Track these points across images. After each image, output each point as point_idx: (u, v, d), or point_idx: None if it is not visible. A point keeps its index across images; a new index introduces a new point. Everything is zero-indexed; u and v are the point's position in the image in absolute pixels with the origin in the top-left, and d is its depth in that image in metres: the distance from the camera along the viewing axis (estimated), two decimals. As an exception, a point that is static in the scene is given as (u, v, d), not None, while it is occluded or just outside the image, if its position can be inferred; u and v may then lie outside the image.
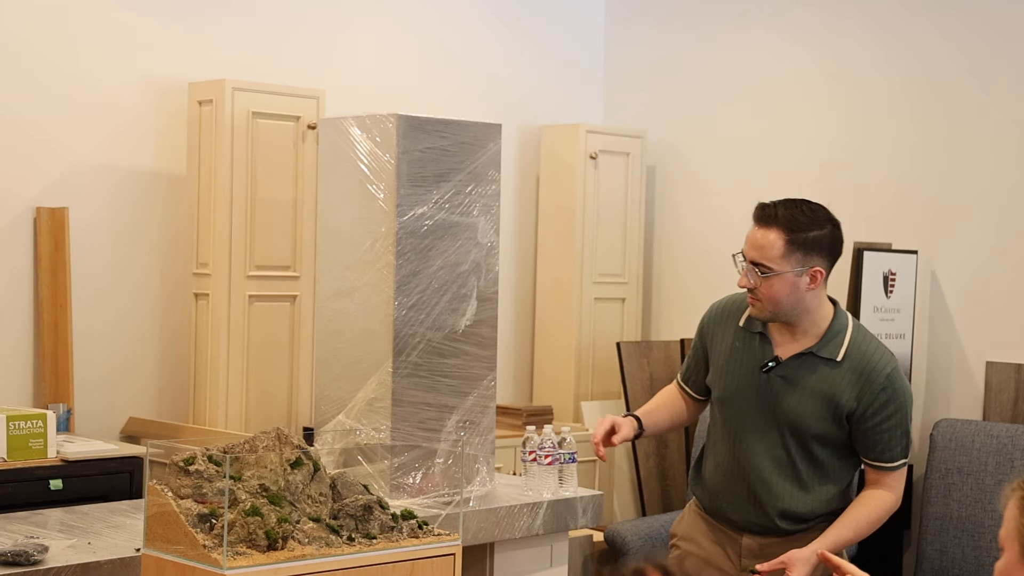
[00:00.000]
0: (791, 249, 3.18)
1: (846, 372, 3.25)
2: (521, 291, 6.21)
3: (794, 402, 3.27)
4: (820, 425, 3.26)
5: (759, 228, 3.24)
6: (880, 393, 3.23)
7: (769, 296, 3.21)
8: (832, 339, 3.27)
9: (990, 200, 5.34)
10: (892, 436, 3.26)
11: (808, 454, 3.29)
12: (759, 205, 3.28)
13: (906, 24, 5.59)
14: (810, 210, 3.24)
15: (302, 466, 2.96)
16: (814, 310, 3.26)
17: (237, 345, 4.92)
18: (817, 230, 3.22)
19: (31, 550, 3.18)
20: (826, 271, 3.24)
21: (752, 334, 3.34)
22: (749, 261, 3.23)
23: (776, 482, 3.30)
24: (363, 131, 4.13)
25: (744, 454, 3.34)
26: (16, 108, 4.78)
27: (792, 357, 3.28)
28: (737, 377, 3.35)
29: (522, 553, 4.21)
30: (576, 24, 6.46)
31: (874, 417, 3.24)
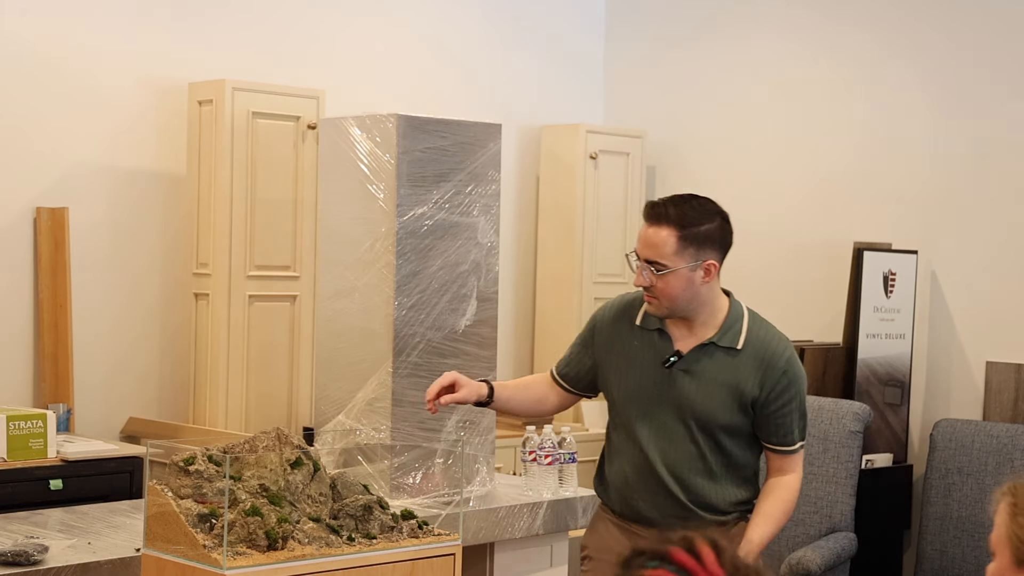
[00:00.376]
0: (684, 245, 3.20)
1: (747, 360, 3.28)
2: (521, 291, 6.21)
3: (699, 394, 3.28)
4: (727, 415, 3.28)
5: (651, 226, 3.24)
6: (781, 377, 3.27)
7: (665, 293, 3.23)
8: (730, 328, 3.29)
9: (990, 200, 5.34)
10: (793, 419, 3.30)
11: (716, 445, 3.30)
12: (649, 204, 3.29)
13: (906, 23, 5.59)
14: (699, 204, 3.25)
15: (302, 466, 2.96)
16: (710, 302, 3.29)
17: (237, 345, 4.92)
18: (708, 223, 3.23)
19: (31, 550, 3.18)
20: (719, 263, 3.26)
21: (650, 331, 3.34)
22: (643, 260, 3.24)
23: (688, 476, 3.31)
24: (363, 131, 4.13)
25: (654, 451, 3.33)
26: (16, 108, 4.78)
27: (693, 350, 3.30)
28: (639, 375, 3.34)
29: (522, 553, 4.21)
30: (576, 24, 6.46)
31: (776, 402, 3.27)
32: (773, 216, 5.95)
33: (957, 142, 5.43)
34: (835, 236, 5.69)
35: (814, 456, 4.95)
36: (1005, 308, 5.29)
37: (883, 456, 5.29)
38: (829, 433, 4.96)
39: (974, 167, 5.38)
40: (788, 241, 5.91)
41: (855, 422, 4.97)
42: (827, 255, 5.71)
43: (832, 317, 5.63)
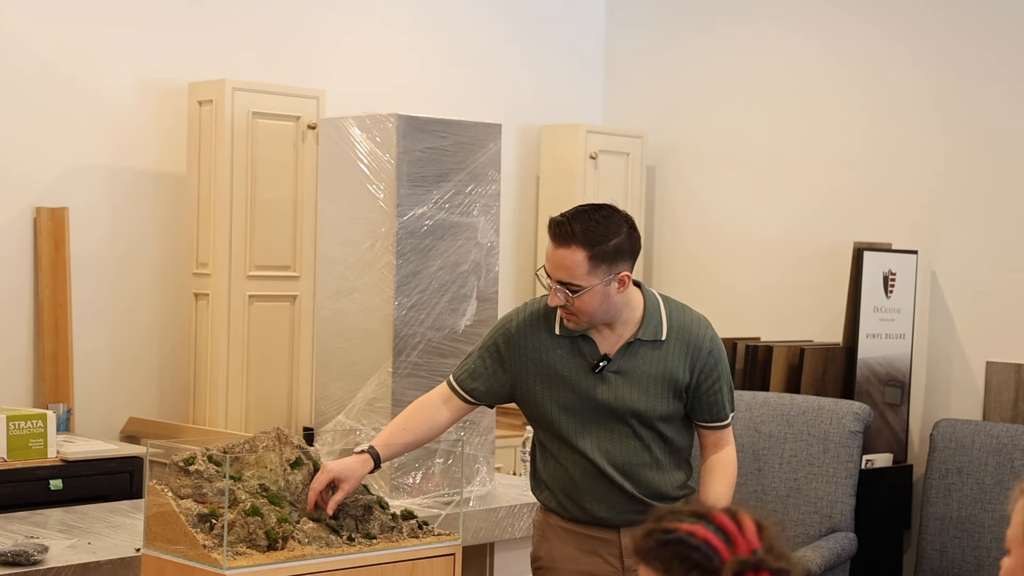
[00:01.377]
0: (595, 264, 3.13)
1: (673, 347, 3.27)
2: (521, 291, 6.21)
3: (635, 392, 3.27)
4: (664, 406, 3.27)
5: (558, 248, 3.14)
6: (708, 357, 3.28)
7: (583, 311, 3.18)
8: (650, 321, 3.28)
9: (990, 200, 5.34)
10: (723, 395, 3.32)
11: (658, 435, 3.30)
12: (553, 222, 3.19)
13: (906, 23, 5.59)
14: (604, 218, 3.18)
15: (302, 466, 2.96)
16: (626, 304, 3.26)
17: (237, 345, 4.92)
18: (616, 237, 3.15)
19: (31, 550, 3.18)
20: (631, 271, 3.23)
21: (572, 338, 3.29)
22: (556, 281, 3.17)
23: (636, 470, 3.29)
24: (363, 131, 4.13)
25: (599, 454, 3.29)
26: (16, 108, 4.78)
27: (619, 350, 3.27)
28: (570, 383, 3.29)
29: (522, 553, 4.20)
30: (576, 24, 6.46)
31: (706, 381, 3.28)
32: (773, 216, 5.95)
33: (957, 142, 5.43)
34: (835, 236, 5.69)
35: (814, 456, 4.96)
36: (1005, 308, 5.29)
37: (883, 456, 5.29)
38: (829, 433, 4.96)
39: (974, 167, 5.38)
40: (788, 241, 5.91)
41: (855, 422, 4.97)
42: (827, 255, 5.71)
43: (832, 317, 5.63)
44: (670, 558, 1.67)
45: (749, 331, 5.85)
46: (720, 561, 1.64)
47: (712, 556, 1.65)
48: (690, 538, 1.66)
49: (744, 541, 1.66)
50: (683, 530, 1.67)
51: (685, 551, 1.66)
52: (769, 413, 5.13)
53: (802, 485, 4.98)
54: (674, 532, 1.68)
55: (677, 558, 1.66)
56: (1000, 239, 5.31)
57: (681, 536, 1.67)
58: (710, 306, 6.12)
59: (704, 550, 1.65)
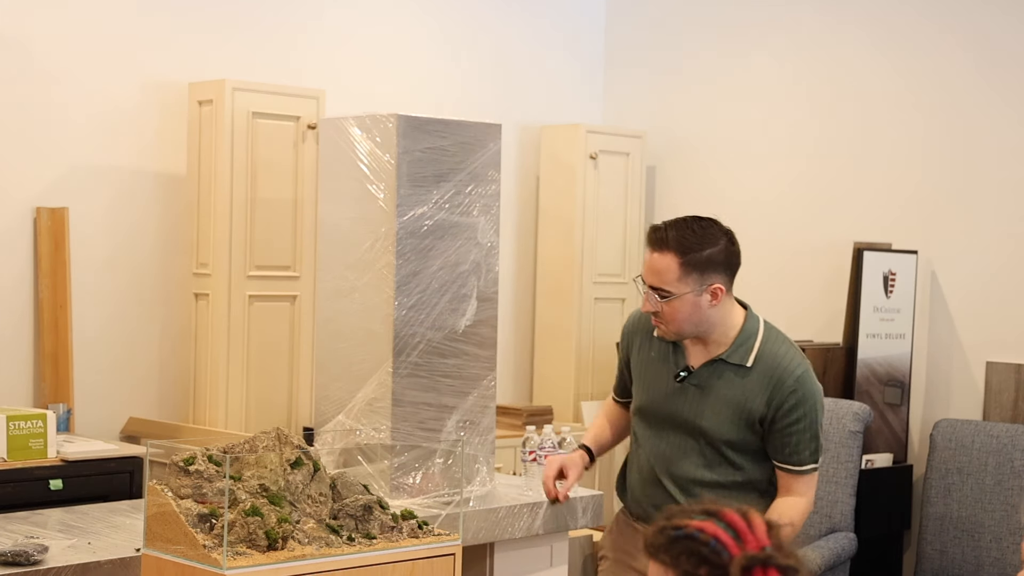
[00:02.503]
0: (687, 271, 3.17)
1: (756, 377, 3.25)
2: (521, 291, 6.21)
3: (707, 410, 3.28)
4: (733, 431, 3.27)
5: (653, 252, 3.21)
6: (790, 395, 3.23)
7: (672, 318, 3.21)
8: (741, 345, 3.27)
9: (990, 200, 5.34)
10: (801, 439, 3.25)
11: (724, 459, 3.30)
12: (651, 228, 3.25)
13: (906, 23, 5.59)
14: (701, 228, 3.21)
15: (302, 466, 2.96)
16: (721, 322, 3.26)
17: (237, 345, 4.92)
18: (711, 247, 3.19)
19: (31, 550, 3.18)
20: (726, 286, 3.23)
21: (667, 344, 3.34)
22: (649, 286, 3.22)
23: (695, 489, 3.31)
24: (363, 131, 4.12)
25: (663, 461, 3.34)
26: (16, 108, 4.78)
27: (703, 365, 3.29)
28: (654, 386, 3.36)
29: (522, 553, 4.21)
30: (576, 24, 6.46)
31: (783, 419, 3.24)
32: (773, 216, 5.95)
33: (957, 142, 5.43)
34: (835, 236, 5.69)
35: (814, 456, 4.96)
36: (1005, 308, 5.29)
37: (883, 456, 5.29)
38: (829, 433, 4.96)
39: (974, 167, 5.38)
40: (788, 241, 5.91)
41: (855, 422, 4.97)
42: (827, 255, 5.71)
43: (832, 317, 5.63)
44: (679, 554, 1.67)
45: (749, 331, 5.84)
46: (729, 557, 1.65)
47: (721, 552, 1.66)
48: (700, 534, 1.67)
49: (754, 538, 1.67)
50: (693, 526, 1.68)
51: (695, 547, 1.67)
52: (769, 413, 5.12)
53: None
54: (684, 528, 1.68)
55: (686, 554, 1.67)
56: (1000, 239, 5.31)
57: (691, 532, 1.68)
58: (710, 306, 6.13)
59: (713, 546, 1.66)
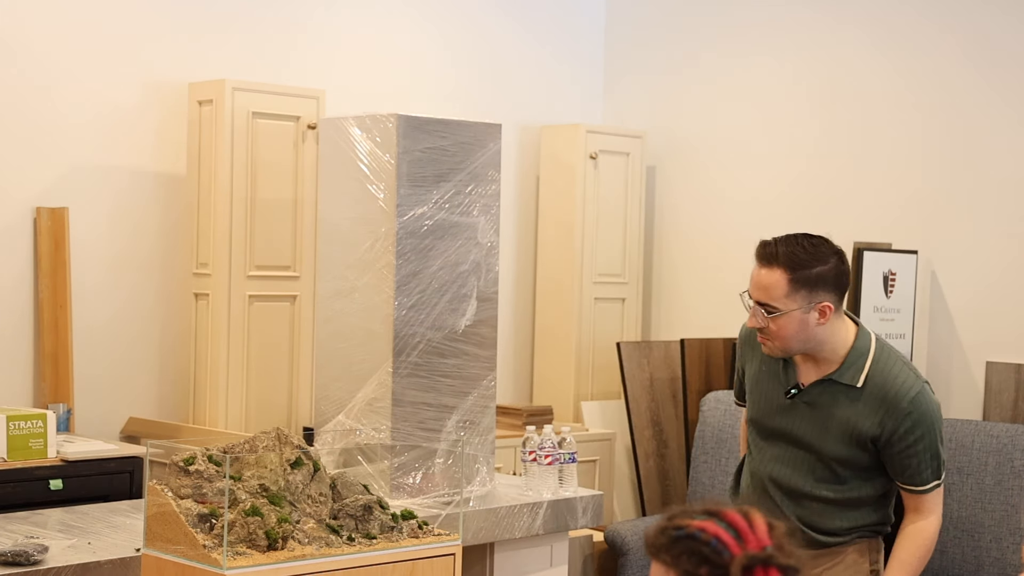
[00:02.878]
0: (795, 287, 3.15)
1: (867, 398, 3.22)
2: (521, 291, 6.21)
3: (816, 427, 3.27)
4: (843, 449, 3.25)
5: (761, 268, 3.20)
6: (905, 418, 3.20)
7: (778, 335, 3.19)
8: (852, 365, 3.24)
9: (990, 200, 5.34)
10: (921, 460, 3.24)
11: (834, 475, 3.29)
12: (761, 243, 3.24)
13: (907, 22, 5.59)
14: (812, 245, 3.20)
15: (302, 466, 2.96)
16: (829, 340, 3.23)
17: (237, 345, 4.92)
18: (821, 265, 3.17)
19: (31, 550, 3.18)
20: (835, 304, 3.20)
21: (777, 359, 3.32)
22: (755, 302, 3.20)
23: (803, 501, 3.32)
24: (363, 131, 4.13)
25: (772, 473, 3.36)
26: (16, 108, 4.78)
27: (813, 384, 3.28)
28: (765, 400, 3.36)
29: (522, 553, 4.21)
30: (576, 24, 6.46)
31: (900, 443, 3.22)
32: (773, 216, 5.95)
33: (957, 142, 5.43)
34: (835, 236, 5.64)
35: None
36: (1005, 308, 5.29)
37: (883, 456, 5.29)
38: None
39: (975, 167, 5.38)
40: (788, 241, 5.91)
41: (855, 422, 4.97)
42: (827, 255, 5.71)
43: (832, 317, 5.62)
44: (680, 553, 1.67)
45: (749, 331, 5.84)
46: (730, 556, 1.65)
47: (722, 551, 1.66)
48: (700, 534, 1.67)
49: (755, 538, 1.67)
50: (694, 526, 1.68)
51: (695, 546, 1.67)
52: (769, 413, 5.13)
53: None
54: (685, 528, 1.68)
55: (687, 553, 1.67)
56: (1001, 239, 5.31)
57: (692, 532, 1.68)
58: (711, 306, 6.13)
59: (714, 545, 1.66)
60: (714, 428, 5.28)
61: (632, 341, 6.01)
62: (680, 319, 6.26)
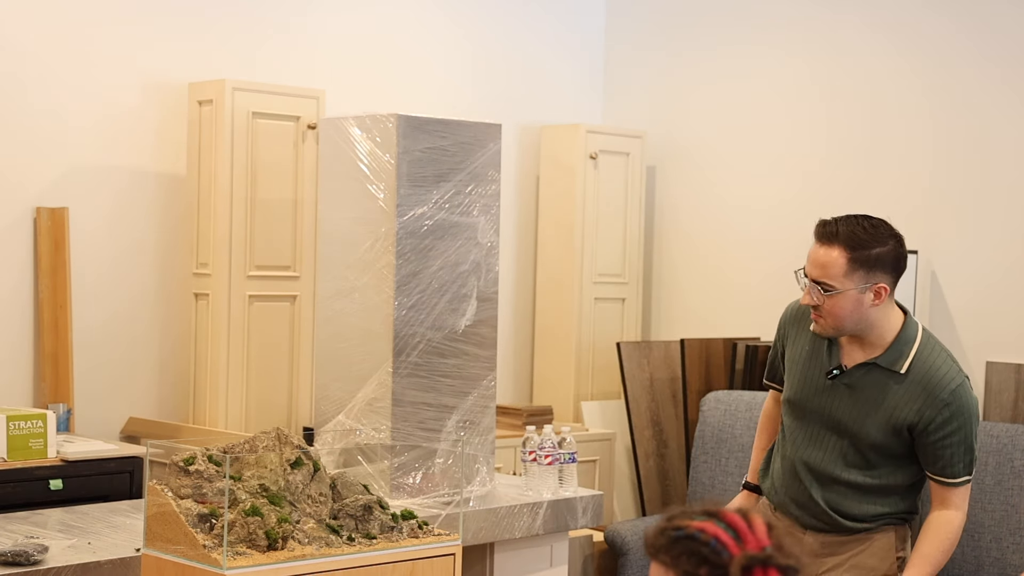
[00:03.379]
0: (853, 267, 3.18)
1: (909, 385, 3.25)
2: (521, 291, 6.21)
3: (855, 410, 3.29)
4: (878, 435, 3.28)
5: (821, 246, 3.22)
6: (943, 409, 3.23)
7: (832, 313, 3.22)
8: (897, 351, 3.27)
9: (990, 200, 5.34)
10: (955, 453, 3.25)
11: (865, 460, 3.31)
12: (820, 222, 3.26)
13: (907, 22, 5.59)
14: (871, 226, 3.22)
15: (302, 466, 2.96)
16: (879, 323, 3.26)
17: (237, 345, 4.92)
18: (879, 247, 3.20)
19: (31, 550, 3.18)
20: (891, 287, 3.23)
21: (822, 340, 3.35)
22: (811, 279, 3.23)
23: (832, 485, 3.34)
24: (363, 131, 4.13)
25: (804, 455, 3.38)
26: (16, 108, 4.78)
27: (856, 366, 3.30)
28: (805, 380, 3.38)
29: (522, 553, 4.21)
30: (576, 24, 6.46)
31: (936, 432, 3.24)
32: (773, 216, 5.95)
33: (957, 142, 5.43)
34: (835, 236, 5.68)
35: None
36: (1005, 308, 5.29)
37: (883, 456, 5.29)
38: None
39: (975, 167, 5.38)
40: (788, 241, 5.91)
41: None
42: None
43: (832, 317, 5.63)
44: (680, 554, 1.68)
45: (749, 331, 5.85)
46: (729, 556, 1.66)
47: (721, 552, 1.66)
48: (700, 534, 1.68)
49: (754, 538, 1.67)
50: (693, 527, 1.69)
51: (695, 547, 1.67)
52: (769, 413, 5.13)
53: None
54: (684, 529, 1.69)
55: (687, 554, 1.68)
56: (1000, 239, 5.31)
57: (691, 532, 1.68)
58: (711, 306, 6.14)
59: (713, 546, 1.66)
60: (714, 428, 5.28)
61: (632, 341, 6.01)
62: (680, 319, 6.26)
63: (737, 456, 5.18)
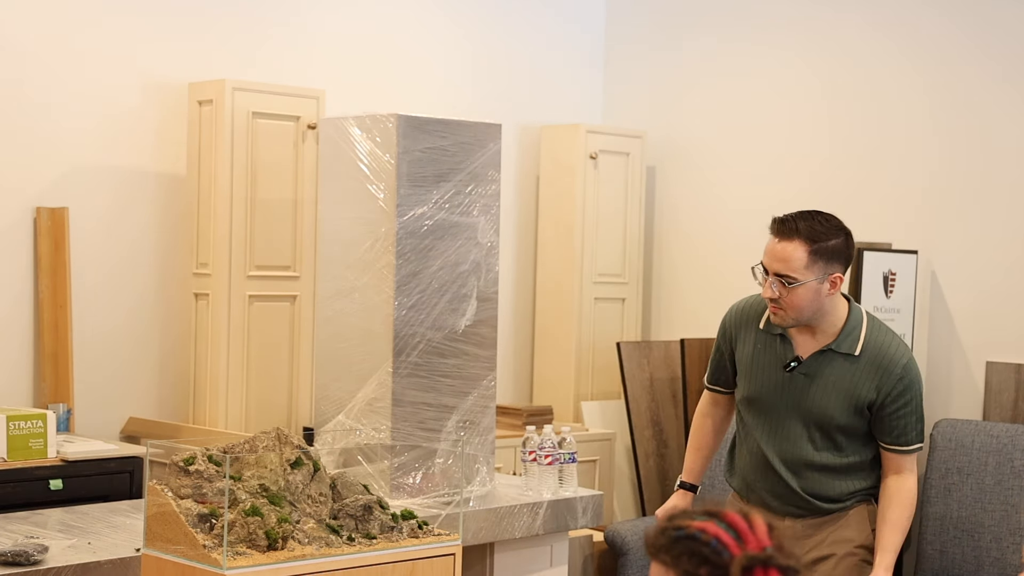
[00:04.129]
0: (814, 259, 3.36)
1: (864, 365, 3.44)
2: (521, 291, 6.21)
3: (818, 397, 3.46)
4: (843, 417, 3.45)
5: (780, 241, 3.40)
6: (898, 383, 3.43)
7: (793, 304, 3.38)
8: (849, 335, 3.45)
9: (990, 200, 5.34)
10: (908, 422, 3.45)
11: (833, 443, 3.48)
12: (777, 219, 3.44)
13: (907, 22, 5.59)
14: (826, 220, 3.42)
15: (302, 466, 2.96)
16: (831, 312, 3.46)
17: (237, 345, 4.92)
18: (835, 239, 3.40)
19: (31, 550, 3.18)
20: (843, 276, 3.43)
21: (773, 336, 3.53)
22: (773, 273, 3.39)
23: (805, 471, 3.50)
24: (363, 131, 4.13)
25: (773, 448, 3.53)
26: (16, 108, 4.78)
27: (813, 355, 3.47)
28: (762, 377, 3.53)
29: (522, 553, 4.21)
30: (576, 24, 6.46)
31: (892, 405, 3.43)
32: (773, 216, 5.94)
33: (957, 142, 5.43)
34: (835, 236, 5.68)
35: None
36: (1005, 308, 5.29)
37: (883, 456, 5.28)
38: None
39: (974, 167, 5.38)
40: (788, 241, 5.91)
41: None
42: (827, 255, 5.71)
43: (832, 317, 5.63)
44: (680, 554, 1.69)
45: (749, 331, 5.85)
46: (730, 556, 1.66)
47: (722, 551, 1.67)
48: (701, 534, 1.69)
49: (755, 539, 1.68)
50: (694, 527, 1.70)
51: (695, 547, 1.68)
52: (769, 413, 5.13)
53: None
54: (685, 529, 1.70)
55: (687, 554, 1.68)
56: (1000, 239, 5.31)
57: (692, 532, 1.69)
58: (711, 306, 6.13)
59: (714, 546, 1.67)
60: (714, 428, 5.27)
61: (632, 341, 6.01)
62: (680, 319, 6.26)
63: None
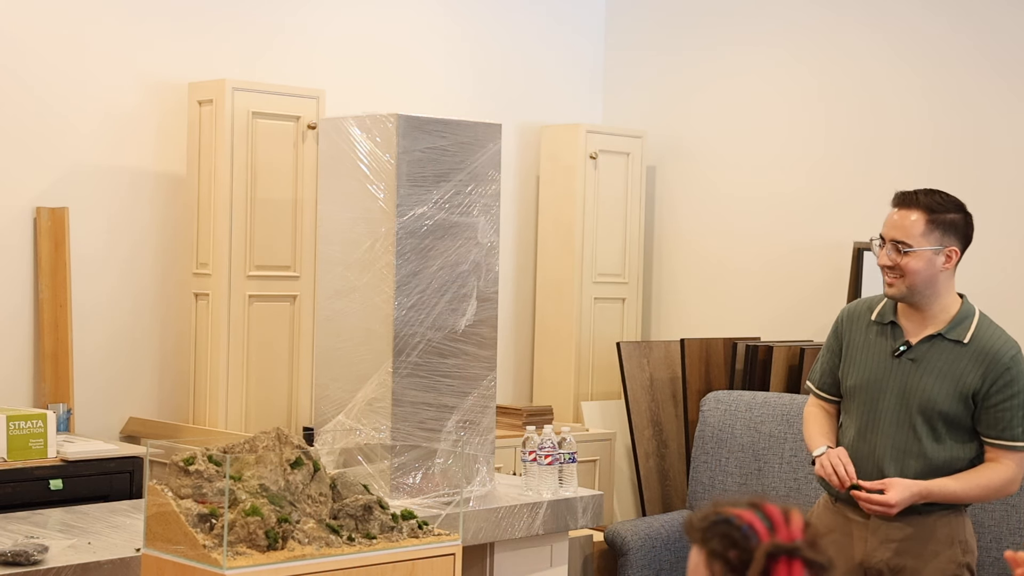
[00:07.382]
0: (931, 228, 3.43)
1: (972, 353, 3.48)
2: (521, 291, 6.21)
3: (924, 382, 3.49)
4: (947, 403, 3.47)
5: (900, 210, 3.48)
6: (1004, 373, 3.46)
7: (908, 270, 3.45)
8: (959, 323, 3.51)
9: (990, 200, 5.34)
10: (1015, 416, 3.46)
11: (934, 432, 3.49)
12: (899, 193, 3.51)
13: (906, 21, 5.59)
14: (946, 196, 3.49)
15: (302, 466, 2.96)
16: (944, 294, 3.51)
17: (237, 345, 4.92)
18: (954, 213, 3.46)
19: (31, 550, 3.18)
20: (960, 252, 3.49)
21: (884, 325, 3.59)
22: (889, 240, 3.47)
23: (903, 459, 3.50)
24: (363, 131, 4.13)
25: (873, 436, 3.54)
26: (16, 108, 4.78)
27: (921, 340, 3.52)
28: (871, 363, 3.57)
29: (522, 553, 4.21)
30: (576, 24, 6.46)
31: (997, 395, 3.45)
32: (773, 216, 5.95)
33: (956, 142, 5.43)
34: (835, 236, 5.69)
35: (814, 456, 4.96)
36: (1005, 308, 5.28)
37: (883, 456, 5.28)
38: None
39: (972, 167, 5.38)
40: (788, 241, 5.91)
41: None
42: (827, 255, 5.71)
43: (832, 317, 5.61)
44: (713, 536, 1.75)
45: (749, 331, 5.85)
46: (758, 542, 1.72)
47: (751, 537, 1.72)
48: (735, 519, 1.74)
49: (787, 530, 1.74)
50: (732, 512, 1.76)
51: (728, 530, 1.74)
52: (769, 413, 5.13)
53: (802, 485, 4.98)
54: (723, 514, 1.76)
55: (719, 536, 1.74)
56: (999, 239, 5.30)
57: (727, 517, 1.75)
58: (710, 306, 6.14)
59: (745, 531, 1.73)
60: (714, 428, 5.28)
61: (632, 341, 6.01)
62: (680, 319, 6.26)
63: (737, 456, 5.18)
